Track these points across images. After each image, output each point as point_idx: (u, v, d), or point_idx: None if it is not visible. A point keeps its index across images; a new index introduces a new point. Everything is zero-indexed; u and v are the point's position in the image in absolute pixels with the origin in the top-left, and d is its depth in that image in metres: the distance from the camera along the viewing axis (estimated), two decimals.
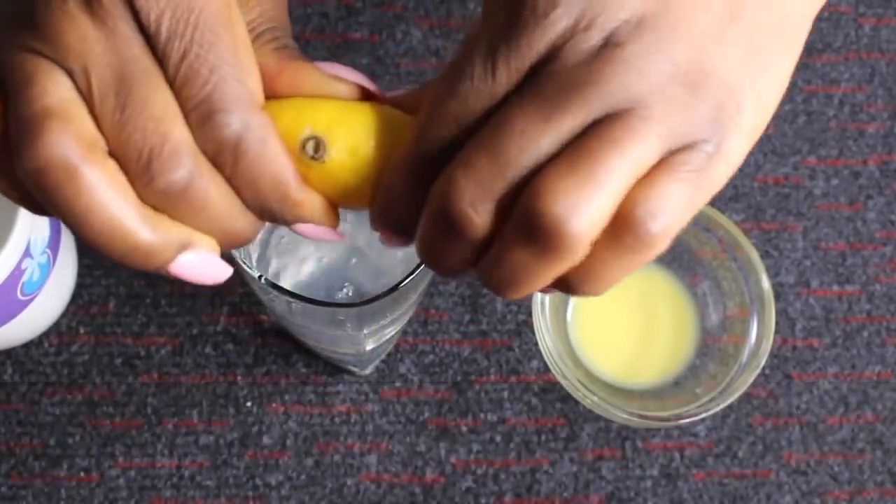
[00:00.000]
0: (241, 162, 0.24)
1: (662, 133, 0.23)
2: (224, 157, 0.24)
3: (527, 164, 0.23)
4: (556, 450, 0.50)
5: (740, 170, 0.55)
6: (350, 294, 0.39)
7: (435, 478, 0.49)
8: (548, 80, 0.23)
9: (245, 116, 0.24)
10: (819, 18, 0.58)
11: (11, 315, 0.45)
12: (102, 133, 0.24)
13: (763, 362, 0.47)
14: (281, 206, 0.26)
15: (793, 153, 0.55)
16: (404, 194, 0.25)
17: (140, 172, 0.24)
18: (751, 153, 0.55)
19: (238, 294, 0.51)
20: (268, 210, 0.26)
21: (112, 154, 0.24)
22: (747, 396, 0.51)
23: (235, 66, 0.24)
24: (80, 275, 0.51)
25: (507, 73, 0.23)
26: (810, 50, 0.57)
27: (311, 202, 0.26)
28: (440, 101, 0.24)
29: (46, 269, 0.45)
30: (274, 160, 0.25)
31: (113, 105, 0.23)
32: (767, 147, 0.55)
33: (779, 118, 0.56)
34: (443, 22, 0.56)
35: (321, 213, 0.27)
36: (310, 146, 0.26)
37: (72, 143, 0.23)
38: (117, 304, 0.51)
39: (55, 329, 0.50)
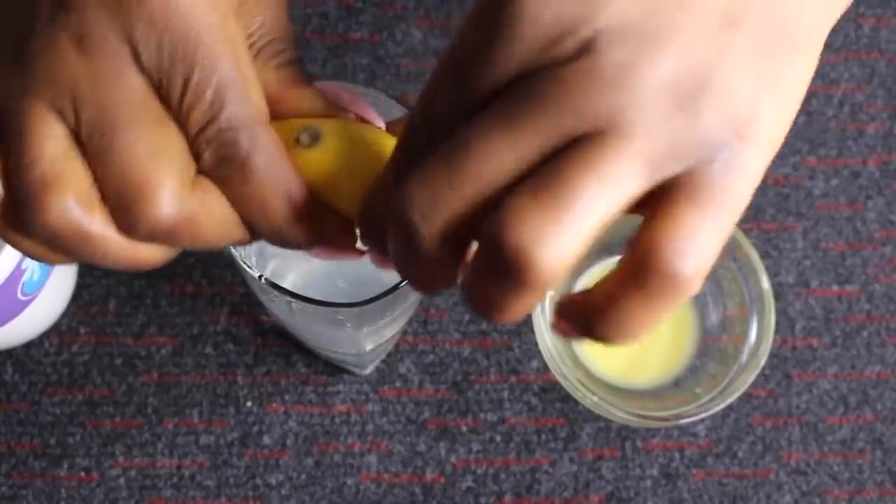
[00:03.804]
0: (250, 181, 0.24)
1: (651, 155, 0.20)
2: (232, 178, 0.24)
3: (487, 181, 0.21)
4: (556, 450, 0.50)
5: None
6: (350, 294, 0.39)
7: (435, 478, 0.49)
8: (517, 92, 0.21)
9: (252, 134, 0.24)
10: None
11: (12, 315, 0.45)
12: (93, 172, 0.24)
13: (763, 362, 0.47)
14: (293, 227, 0.25)
15: (793, 153, 0.55)
16: (380, 202, 0.25)
17: (122, 217, 0.23)
18: None
19: (238, 294, 0.51)
20: (278, 232, 0.25)
21: (101, 195, 0.24)
22: (747, 396, 0.51)
23: (240, 84, 0.24)
24: (81, 275, 0.51)
25: (479, 88, 0.22)
26: None
27: (324, 219, 0.26)
28: (414, 114, 0.23)
29: (47, 269, 0.45)
30: (284, 176, 0.25)
31: (97, 148, 0.23)
32: None
33: None
34: (443, 22, 0.56)
35: (335, 229, 0.26)
36: (304, 136, 0.26)
37: (71, 208, 0.23)
38: (118, 304, 0.51)
39: (55, 329, 0.50)
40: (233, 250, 0.32)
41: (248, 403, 0.50)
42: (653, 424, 0.47)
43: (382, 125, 0.28)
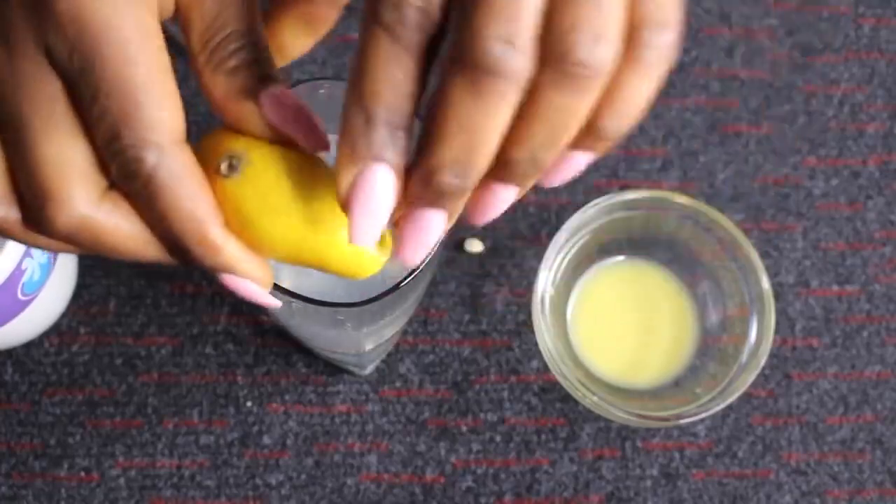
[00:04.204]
0: (155, 200, 0.23)
1: None
2: (138, 195, 0.24)
3: None
4: (556, 450, 0.50)
5: (740, 170, 0.55)
6: (349, 294, 0.39)
7: (435, 478, 0.49)
8: None
9: (158, 153, 0.23)
10: (819, 18, 0.58)
11: (12, 315, 0.45)
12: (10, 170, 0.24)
13: (763, 362, 0.47)
14: (199, 250, 0.24)
15: (793, 153, 0.55)
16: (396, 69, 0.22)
17: (28, 217, 0.24)
18: (751, 153, 0.55)
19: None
20: (186, 253, 0.24)
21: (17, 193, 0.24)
22: (747, 396, 0.51)
23: (151, 100, 0.23)
24: (81, 275, 0.51)
25: None
26: (810, 50, 0.57)
27: (234, 248, 0.25)
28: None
29: (47, 269, 0.45)
30: (191, 197, 0.24)
31: (12, 148, 0.23)
32: (767, 147, 0.55)
33: (779, 118, 0.56)
34: None
35: (245, 263, 0.25)
36: (224, 164, 0.25)
37: None
38: (118, 304, 0.51)
39: (55, 329, 0.50)
40: None
41: (248, 403, 0.50)
42: (653, 424, 0.47)
43: (330, 149, 0.26)
